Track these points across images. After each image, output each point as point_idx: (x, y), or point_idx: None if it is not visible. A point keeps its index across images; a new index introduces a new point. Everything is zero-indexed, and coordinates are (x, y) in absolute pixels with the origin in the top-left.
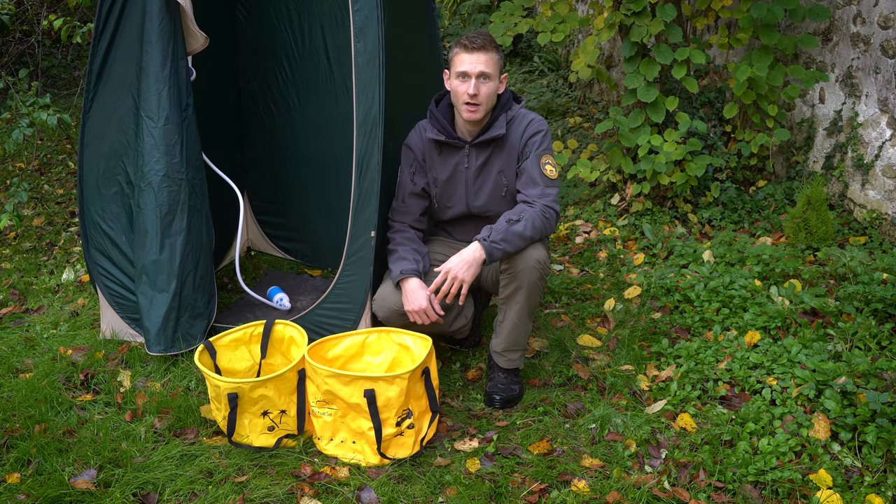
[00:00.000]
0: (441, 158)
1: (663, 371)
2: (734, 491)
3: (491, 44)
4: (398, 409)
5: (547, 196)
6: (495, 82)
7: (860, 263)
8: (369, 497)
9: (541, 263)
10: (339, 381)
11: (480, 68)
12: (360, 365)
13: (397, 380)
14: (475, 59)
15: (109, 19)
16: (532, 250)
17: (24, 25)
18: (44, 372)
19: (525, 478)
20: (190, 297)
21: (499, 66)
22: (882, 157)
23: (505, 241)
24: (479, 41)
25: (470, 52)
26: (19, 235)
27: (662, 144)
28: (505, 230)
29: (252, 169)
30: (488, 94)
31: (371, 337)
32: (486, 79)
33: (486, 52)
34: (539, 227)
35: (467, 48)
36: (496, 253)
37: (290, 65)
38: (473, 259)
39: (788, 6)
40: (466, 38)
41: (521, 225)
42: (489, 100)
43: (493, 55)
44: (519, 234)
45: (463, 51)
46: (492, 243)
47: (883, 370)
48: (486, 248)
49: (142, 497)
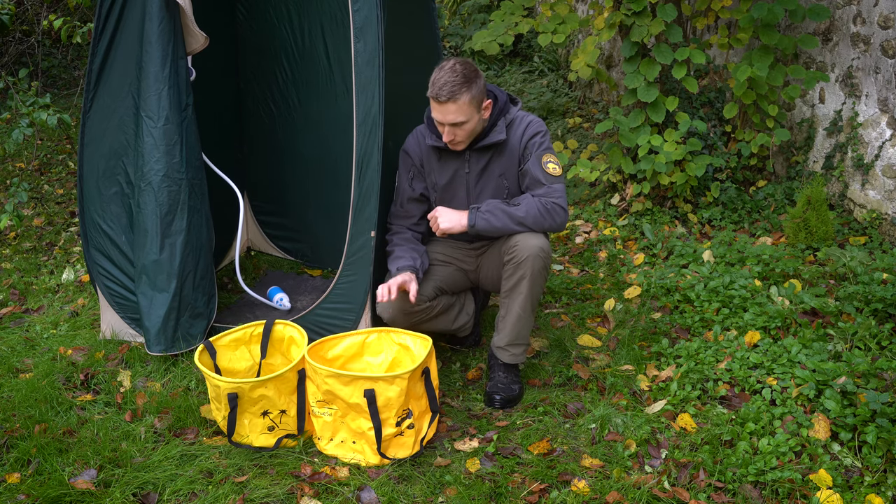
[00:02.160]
0: (440, 164)
1: (663, 371)
2: (734, 491)
3: (461, 88)
4: (398, 409)
5: (552, 192)
6: (473, 121)
7: (860, 263)
8: (369, 497)
9: (543, 252)
10: (339, 381)
11: (451, 119)
12: (359, 365)
13: (397, 380)
14: (444, 110)
15: (109, 19)
16: (534, 239)
17: (24, 25)
18: (44, 372)
19: (525, 478)
20: (190, 297)
21: (475, 104)
22: (882, 157)
23: (493, 214)
24: (446, 92)
25: (439, 103)
26: (19, 235)
27: (662, 144)
28: (495, 206)
29: (252, 169)
30: (466, 133)
31: (371, 337)
32: (461, 124)
33: (455, 102)
34: (535, 214)
35: (437, 99)
36: (480, 222)
37: (290, 65)
38: (459, 218)
39: (788, 6)
40: (437, 84)
41: (519, 209)
42: (470, 135)
43: (464, 99)
44: (510, 214)
45: (433, 100)
46: (478, 212)
47: (883, 370)
48: (471, 216)
49: (142, 497)
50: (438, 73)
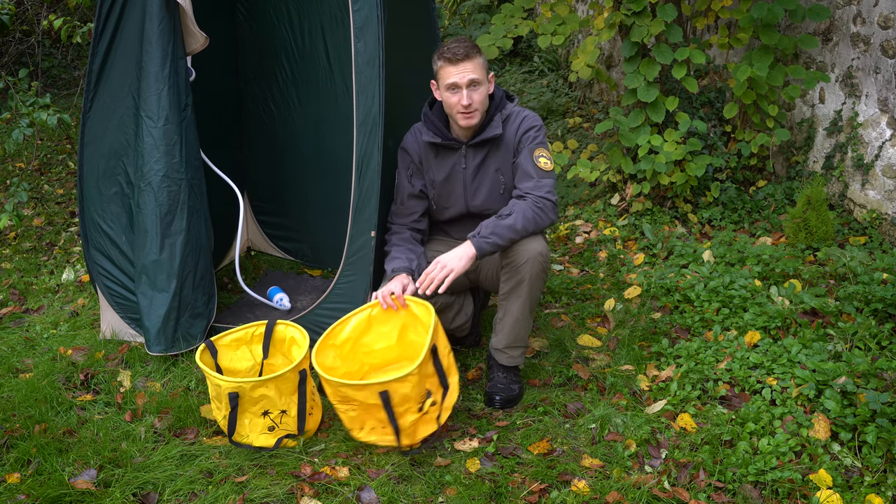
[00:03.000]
0: (438, 160)
1: (663, 371)
2: (734, 491)
3: (473, 49)
4: (416, 399)
5: (541, 187)
6: (485, 86)
7: (860, 263)
8: (369, 497)
9: (542, 256)
10: (351, 389)
11: (469, 77)
12: (370, 338)
13: (409, 377)
14: (462, 69)
15: (109, 19)
16: (533, 243)
17: (24, 25)
18: (44, 372)
19: (525, 478)
20: (190, 297)
21: (485, 69)
22: (882, 157)
23: (494, 234)
24: (462, 51)
25: (455, 63)
26: (19, 235)
27: (662, 144)
28: (494, 224)
29: (252, 169)
30: (481, 99)
31: (374, 311)
32: (477, 85)
33: (471, 60)
34: (531, 217)
35: (452, 60)
36: (486, 247)
37: (290, 65)
38: (465, 253)
39: (788, 6)
40: (448, 50)
41: (512, 218)
42: (483, 103)
43: (478, 60)
44: (509, 227)
45: (448, 64)
46: (481, 238)
47: (883, 370)
48: (476, 244)
49: (142, 497)
50: (446, 44)
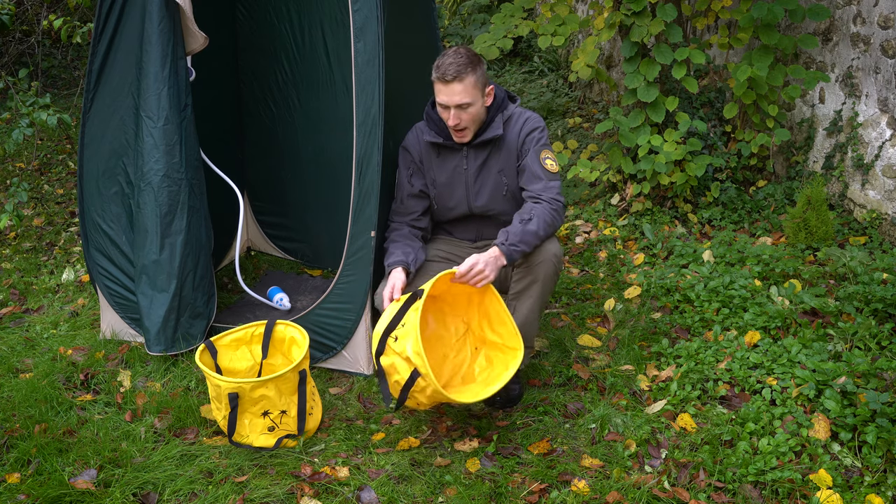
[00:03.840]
0: (439, 160)
1: (663, 371)
2: (734, 491)
3: (466, 68)
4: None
5: (551, 189)
6: (477, 104)
7: (860, 263)
8: (369, 497)
9: (557, 257)
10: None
11: (457, 100)
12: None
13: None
14: (451, 90)
15: (109, 19)
16: (549, 244)
17: (24, 25)
18: (44, 372)
19: (525, 478)
20: (190, 297)
21: (479, 87)
22: (882, 157)
23: (522, 242)
24: (452, 72)
25: (445, 84)
26: (19, 235)
27: (662, 144)
28: (521, 231)
29: (252, 169)
30: (470, 118)
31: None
32: (466, 106)
33: (461, 82)
34: (549, 221)
35: (442, 80)
36: (515, 255)
37: (290, 65)
38: (495, 259)
39: (788, 6)
40: (441, 66)
41: (534, 223)
42: (475, 120)
43: (469, 79)
44: (534, 233)
45: (438, 81)
46: (510, 246)
47: (883, 370)
48: (506, 252)
49: (142, 497)
50: (443, 57)
